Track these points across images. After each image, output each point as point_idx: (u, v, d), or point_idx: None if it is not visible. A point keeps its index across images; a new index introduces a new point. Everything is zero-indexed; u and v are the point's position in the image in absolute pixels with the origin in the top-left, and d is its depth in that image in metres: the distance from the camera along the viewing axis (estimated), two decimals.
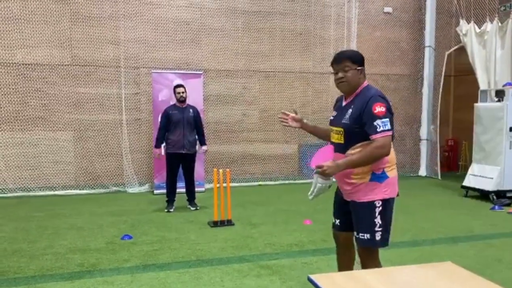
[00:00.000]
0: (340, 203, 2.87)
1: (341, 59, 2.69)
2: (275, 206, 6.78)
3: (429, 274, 2.19)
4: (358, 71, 2.69)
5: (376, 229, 2.63)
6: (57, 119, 7.92)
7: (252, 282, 3.73)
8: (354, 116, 2.62)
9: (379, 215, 2.64)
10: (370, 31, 9.70)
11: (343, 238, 2.93)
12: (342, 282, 2.08)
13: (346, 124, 2.66)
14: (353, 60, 2.68)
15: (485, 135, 7.27)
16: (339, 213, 2.90)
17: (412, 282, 2.08)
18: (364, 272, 2.26)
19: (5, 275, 3.89)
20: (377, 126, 2.55)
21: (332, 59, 2.75)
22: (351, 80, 2.68)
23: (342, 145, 2.69)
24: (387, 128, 2.57)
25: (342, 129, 2.68)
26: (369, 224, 2.63)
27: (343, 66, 2.67)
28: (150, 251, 4.56)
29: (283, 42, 9.05)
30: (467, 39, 8.35)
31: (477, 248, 4.70)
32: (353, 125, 2.62)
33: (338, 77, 2.69)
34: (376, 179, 2.65)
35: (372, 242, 2.64)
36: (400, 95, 10.13)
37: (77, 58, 7.94)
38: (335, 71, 2.71)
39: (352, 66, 2.67)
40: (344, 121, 2.67)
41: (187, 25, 8.48)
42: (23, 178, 7.73)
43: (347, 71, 2.66)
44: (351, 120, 2.63)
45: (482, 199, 7.22)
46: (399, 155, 10.18)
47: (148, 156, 8.27)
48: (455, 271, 2.22)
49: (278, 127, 9.11)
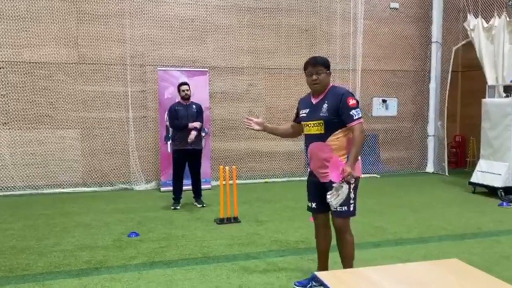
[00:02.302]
0: (315, 188, 3.35)
1: (316, 64, 3.24)
2: (281, 203, 6.78)
3: (436, 271, 2.17)
4: (328, 75, 3.27)
5: (351, 202, 3.19)
6: (64, 117, 7.96)
7: (258, 279, 3.74)
8: (331, 110, 3.18)
9: (353, 190, 3.20)
10: (376, 27, 9.64)
11: (322, 219, 3.45)
12: (348, 279, 2.07)
13: (325, 117, 3.19)
14: (325, 66, 3.26)
15: (493, 131, 7.20)
16: (315, 196, 3.38)
17: (418, 279, 2.07)
18: (370, 269, 2.25)
19: (14, 272, 3.93)
20: (353, 115, 3.14)
21: (308, 63, 3.28)
22: (323, 82, 3.25)
23: (322, 134, 3.22)
24: (360, 116, 3.17)
25: (322, 121, 3.20)
26: (346, 198, 3.14)
27: (317, 69, 3.23)
28: (157, 248, 4.58)
29: (288, 39, 9.02)
30: (474, 34, 8.26)
31: (485, 245, 4.67)
32: (331, 116, 3.18)
33: (313, 78, 3.24)
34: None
35: (349, 212, 3.21)
36: (407, 91, 10.06)
37: (83, 56, 7.98)
38: (310, 73, 3.25)
39: (324, 70, 3.24)
40: (322, 114, 3.21)
41: (192, 22, 8.48)
42: (31, 176, 7.79)
43: (320, 74, 3.23)
44: (329, 113, 3.19)
45: (490, 195, 7.16)
46: (406, 151, 10.19)
47: (154, 154, 8.29)
48: (462, 268, 2.21)
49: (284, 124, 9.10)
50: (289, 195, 7.37)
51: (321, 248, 3.51)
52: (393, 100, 9.97)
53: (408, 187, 8.19)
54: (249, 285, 3.60)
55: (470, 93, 10.32)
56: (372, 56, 9.62)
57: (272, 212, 6.18)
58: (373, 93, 9.78)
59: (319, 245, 3.52)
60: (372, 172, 9.51)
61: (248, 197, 7.05)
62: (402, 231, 5.19)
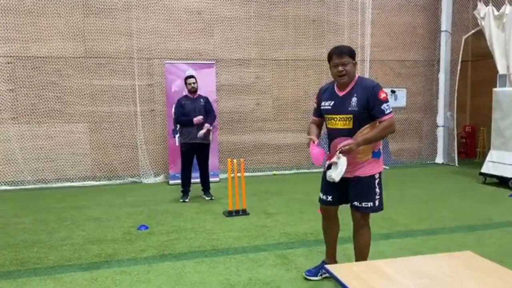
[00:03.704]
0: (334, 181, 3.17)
1: (342, 54, 3.05)
2: (289, 195, 6.77)
3: (449, 264, 2.15)
4: (354, 65, 3.10)
5: (376, 197, 3.15)
6: (73, 112, 7.99)
7: (268, 271, 3.73)
8: (361, 103, 3.03)
9: (378, 185, 3.17)
10: (385, 16, 9.52)
11: (332, 212, 3.42)
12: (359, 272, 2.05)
13: (355, 111, 3.04)
14: (351, 55, 3.08)
15: (504, 121, 7.11)
16: (332, 190, 3.29)
17: (432, 272, 2.04)
18: (382, 262, 2.23)
19: (25, 265, 3.96)
20: (384, 109, 3.03)
21: (333, 53, 3.09)
22: (350, 73, 3.08)
23: (350, 129, 3.08)
24: (391, 111, 3.07)
25: (351, 115, 3.05)
26: (372, 194, 3.13)
27: (343, 60, 3.04)
28: (166, 241, 4.59)
29: (296, 30, 8.94)
30: (485, 22, 8.12)
31: (496, 236, 4.62)
32: (362, 111, 3.04)
33: (339, 69, 3.06)
34: (375, 156, 3.16)
35: (373, 208, 3.15)
36: (416, 82, 9.95)
37: (90, 50, 7.98)
38: (335, 65, 3.07)
39: (350, 60, 3.07)
40: (352, 108, 3.05)
41: (199, 14, 8.43)
42: (41, 170, 7.84)
43: (346, 65, 3.05)
44: (359, 107, 3.03)
45: (501, 186, 7.08)
46: (415, 143, 10.10)
47: (163, 147, 8.31)
48: (475, 260, 2.18)
49: (292, 116, 9.06)
50: (298, 187, 7.35)
51: (328, 236, 3.52)
52: (402, 90, 9.87)
53: (418, 178, 8.13)
54: (259, 277, 3.60)
55: (480, 82, 10.18)
56: (381, 46, 9.51)
57: (280, 204, 6.17)
58: (382, 83, 9.46)
59: (326, 234, 3.52)
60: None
61: (256, 189, 7.04)
62: (412, 223, 5.16)
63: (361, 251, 3.29)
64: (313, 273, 3.54)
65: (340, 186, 3.19)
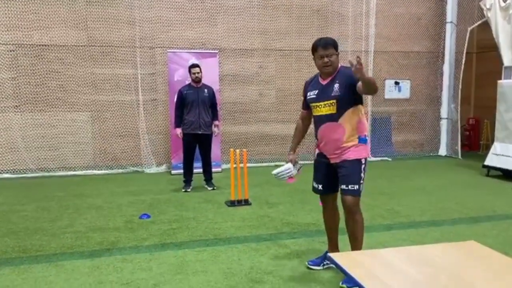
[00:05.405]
0: (324, 169, 3.39)
1: (327, 46, 3.17)
2: (291, 186, 6.71)
3: (453, 253, 2.13)
4: (337, 56, 3.23)
5: (361, 181, 3.20)
6: (75, 100, 7.97)
7: (270, 260, 3.73)
8: (343, 87, 3.15)
9: (363, 170, 3.23)
10: (389, 7, 9.42)
11: (329, 200, 3.48)
12: (363, 261, 2.04)
13: (338, 96, 3.16)
14: (335, 47, 3.22)
15: (509, 113, 7.05)
16: (323, 178, 3.42)
17: (436, 260, 2.02)
18: (385, 251, 2.21)
19: (28, 252, 3.97)
20: None
21: (318, 45, 3.20)
22: (334, 64, 3.21)
23: (334, 114, 3.20)
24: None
25: (335, 100, 3.18)
26: (357, 177, 3.19)
27: (328, 52, 3.16)
28: (168, 230, 4.59)
29: (300, 20, 8.87)
30: (491, 13, 8.04)
31: (500, 228, 4.60)
32: (344, 94, 3.15)
33: (324, 61, 3.18)
34: (362, 141, 3.24)
35: (358, 191, 3.20)
36: (420, 73, 9.88)
37: (93, 38, 7.93)
38: (320, 56, 3.19)
39: (334, 52, 3.20)
40: (334, 94, 3.18)
41: (202, 3, 8.35)
42: (43, 158, 7.84)
43: (331, 56, 3.18)
44: (342, 91, 3.15)
45: (504, 178, 7.05)
46: (419, 134, 10.05)
47: (165, 137, 8.29)
48: (479, 250, 2.16)
49: (295, 106, 9.00)
50: (300, 178, 7.30)
51: (328, 226, 3.55)
52: (406, 82, 9.80)
53: (421, 170, 8.10)
54: (260, 266, 3.59)
55: (485, 75, 10.10)
56: (385, 37, 9.43)
57: (282, 194, 6.16)
58: (386, 75, 9.62)
59: (326, 223, 3.55)
60: (384, 155, 9.42)
61: (258, 180, 7.02)
62: (415, 214, 5.14)
63: (355, 238, 3.25)
64: (316, 263, 3.53)
65: (329, 174, 3.35)
